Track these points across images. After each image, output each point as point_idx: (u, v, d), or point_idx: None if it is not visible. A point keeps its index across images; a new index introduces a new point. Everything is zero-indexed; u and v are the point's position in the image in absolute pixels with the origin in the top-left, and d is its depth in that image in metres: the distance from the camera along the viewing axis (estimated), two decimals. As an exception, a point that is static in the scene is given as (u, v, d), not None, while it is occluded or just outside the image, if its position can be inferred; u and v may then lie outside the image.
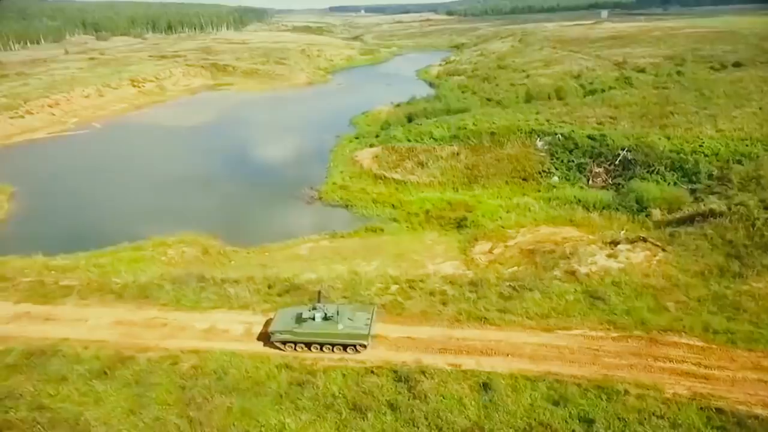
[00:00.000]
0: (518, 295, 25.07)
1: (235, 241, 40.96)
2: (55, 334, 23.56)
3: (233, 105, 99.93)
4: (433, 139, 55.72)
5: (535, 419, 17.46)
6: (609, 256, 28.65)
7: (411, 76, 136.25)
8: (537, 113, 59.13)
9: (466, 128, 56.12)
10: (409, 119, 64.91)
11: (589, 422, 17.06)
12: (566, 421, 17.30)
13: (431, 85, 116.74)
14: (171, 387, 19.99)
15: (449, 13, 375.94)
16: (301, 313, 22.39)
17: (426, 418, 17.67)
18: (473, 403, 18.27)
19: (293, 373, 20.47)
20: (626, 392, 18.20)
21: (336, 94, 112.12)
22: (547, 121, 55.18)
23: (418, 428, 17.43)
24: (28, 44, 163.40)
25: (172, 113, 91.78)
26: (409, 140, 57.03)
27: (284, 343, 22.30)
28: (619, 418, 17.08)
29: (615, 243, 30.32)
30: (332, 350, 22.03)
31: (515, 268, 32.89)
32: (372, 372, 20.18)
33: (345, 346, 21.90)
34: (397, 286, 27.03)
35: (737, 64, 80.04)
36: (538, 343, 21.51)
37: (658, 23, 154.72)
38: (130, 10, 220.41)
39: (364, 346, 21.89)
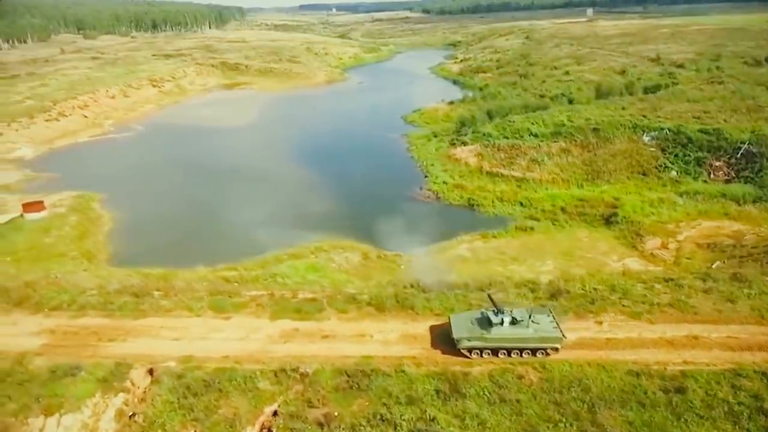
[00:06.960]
0: (798, 289, 24.88)
1: (371, 243, 39.43)
2: (350, 351, 21.60)
3: (267, 104, 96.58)
4: (533, 135, 55.23)
5: None
6: (839, 247, 28.92)
7: (424, 73, 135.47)
8: (623, 108, 59.54)
9: (564, 124, 55.93)
10: (490, 116, 64.18)
11: None
12: None
13: (455, 82, 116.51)
14: (540, 402, 18.63)
15: (425, 11, 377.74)
16: (487, 319, 21.37)
17: None
18: None
19: (654, 381, 19.45)
20: None
21: (363, 93, 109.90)
22: (644, 116, 55.64)
23: None
24: (16, 43, 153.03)
25: (209, 113, 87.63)
26: (506, 137, 56.32)
27: (470, 350, 21.21)
28: None
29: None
30: (520, 355, 21.10)
31: (717, 262, 32.89)
32: (739, 375, 19.42)
33: (535, 351, 21.09)
34: (659, 285, 26.33)
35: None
36: None
37: (654, 21, 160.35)
38: (107, 7, 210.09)
39: (556, 350, 21.05)
